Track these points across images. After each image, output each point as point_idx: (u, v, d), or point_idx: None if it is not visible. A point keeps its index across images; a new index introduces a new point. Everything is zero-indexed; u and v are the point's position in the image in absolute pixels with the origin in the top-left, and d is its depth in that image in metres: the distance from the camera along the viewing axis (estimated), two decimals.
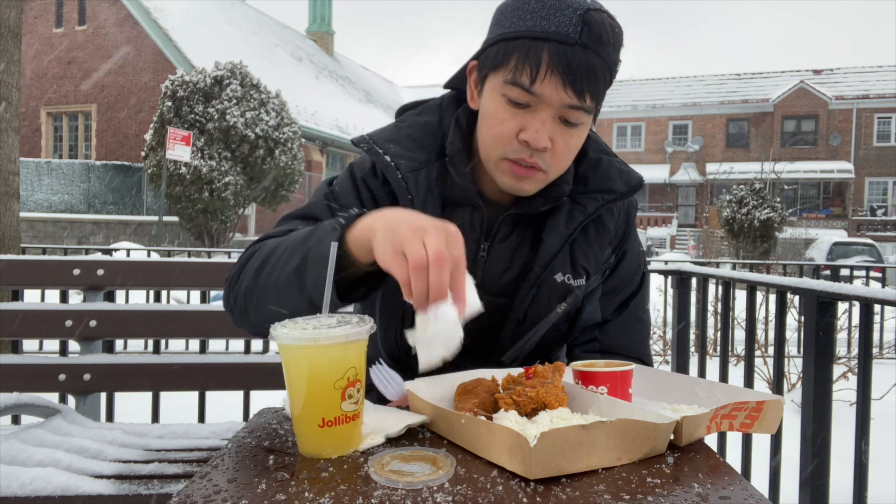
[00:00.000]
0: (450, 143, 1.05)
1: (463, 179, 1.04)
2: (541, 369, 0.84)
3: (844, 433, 2.06)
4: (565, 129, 0.94)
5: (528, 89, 0.90)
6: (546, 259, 1.05)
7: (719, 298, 4.41)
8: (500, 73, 0.93)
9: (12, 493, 1.29)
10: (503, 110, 0.94)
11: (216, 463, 0.72)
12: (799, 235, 20.19)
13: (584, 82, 0.90)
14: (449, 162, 1.04)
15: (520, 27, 0.91)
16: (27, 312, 1.78)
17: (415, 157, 1.05)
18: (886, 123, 29.95)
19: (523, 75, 0.90)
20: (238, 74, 12.60)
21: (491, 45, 0.95)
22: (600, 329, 1.13)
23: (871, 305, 1.85)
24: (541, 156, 0.94)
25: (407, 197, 1.02)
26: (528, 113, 0.93)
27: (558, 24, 0.88)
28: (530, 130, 0.92)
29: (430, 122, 1.09)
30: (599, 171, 1.08)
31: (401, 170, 1.03)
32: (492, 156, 0.98)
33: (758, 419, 0.81)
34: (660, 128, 33.30)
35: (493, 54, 0.94)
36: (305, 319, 0.78)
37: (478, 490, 0.64)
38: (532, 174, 0.96)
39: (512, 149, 0.95)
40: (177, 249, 7.73)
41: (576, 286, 1.08)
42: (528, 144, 0.93)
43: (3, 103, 3.63)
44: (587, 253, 1.08)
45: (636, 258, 1.16)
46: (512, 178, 0.97)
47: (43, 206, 15.21)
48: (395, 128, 1.10)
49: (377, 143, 1.06)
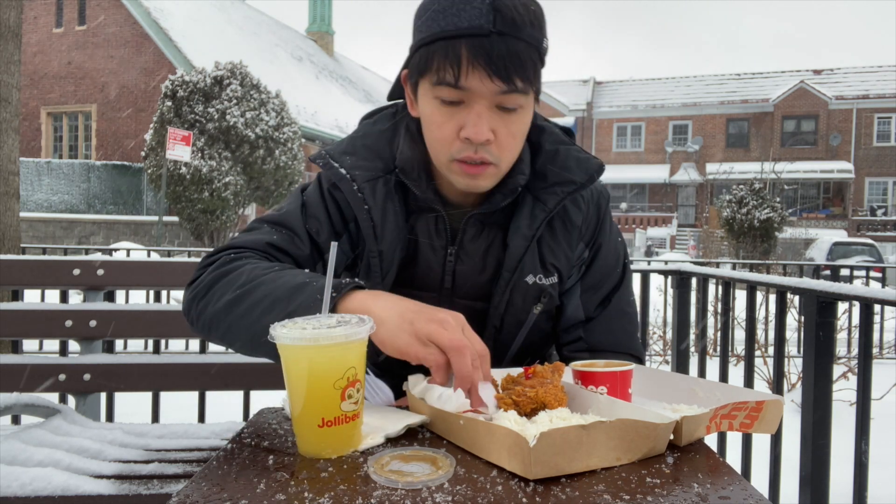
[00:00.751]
0: (399, 153, 1.04)
1: (419, 187, 1.03)
2: (540, 369, 0.84)
3: (844, 433, 2.06)
4: (505, 117, 0.93)
5: (455, 86, 0.90)
6: (513, 262, 1.04)
7: (719, 298, 4.41)
8: (427, 77, 0.93)
9: (12, 493, 1.29)
10: (439, 113, 0.94)
11: (216, 463, 0.72)
12: (799, 235, 20.19)
13: (509, 68, 0.88)
14: (400, 172, 1.03)
15: (434, 29, 0.90)
16: (27, 312, 1.78)
17: (371, 167, 1.04)
18: (886, 123, 29.95)
19: (447, 75, 0.89)
20: (238, 74, 12.60)
21: (414, 53, 0.95)
22: (585, 327, 1.11)
23: (871, 305, 1.85)
24: (486, 149, 0.93)
25: (363, 207, 1.01)
26: (463, 109, 0.92)
27: (470, 18, 0.88)
28: (469, 126, 0.91)
29: (385, 130, 1.09)
30: (557, 162, 1.06)
31: (356, 181, 1.02)
32: (441, 159, 0.97)
33: (758, 419, 0.81)
34: (660, 128, 33.30)
35: (417, 61, 0.94)
36: (305, 319, 0.78)
37: (477, 490, 0.64)
38: (483, 170, 0.96)
39: (456, 148, 0.94)
40: (177, 249, 7.72)
41: (548, 285, 1.06)
42: (471, 140, 0.92)
43: (3, 103, 3.63)
44: (555, 250, 1.07)
45: (614, 251, 1.13)
46: (465, 177, 0.96)
47: (43, 206, 15.22)
48: (351, 140, 1.09)
49: (333, 157, 1.05)
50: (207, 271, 0.98)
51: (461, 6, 0.88)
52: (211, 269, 0.98)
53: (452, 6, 0.89)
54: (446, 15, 0.89)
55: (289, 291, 0.87)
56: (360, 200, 1.02)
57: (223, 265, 0.97)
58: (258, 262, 0.96)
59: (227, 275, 0.95)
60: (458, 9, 0.89)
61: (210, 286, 0.96)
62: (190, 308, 0.98)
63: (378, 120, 1.12)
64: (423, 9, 0.94)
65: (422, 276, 1.07)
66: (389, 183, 1.04)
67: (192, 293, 0.98)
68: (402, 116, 1.09)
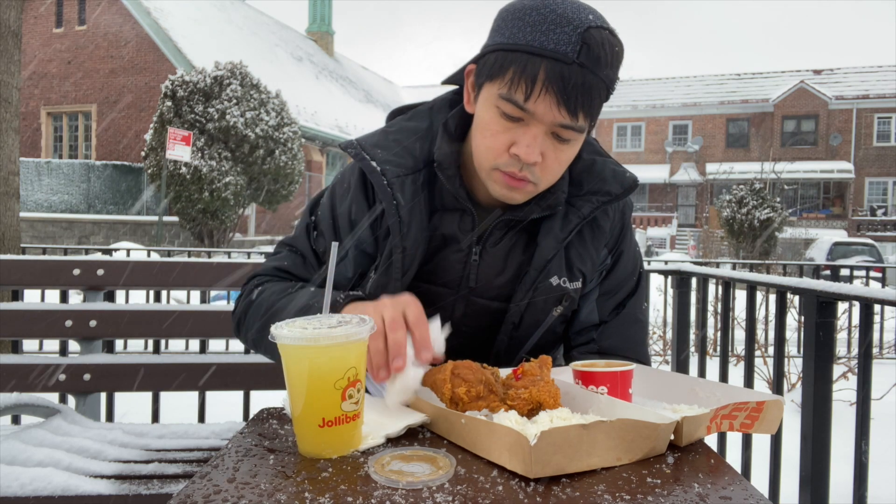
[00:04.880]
0: (437, 148, 1.05)
1: (452, 185, 1.04)
2: (528, 367, 0.84)
3: (844, 433, 2.06)
4: (556, 145, 0.94)
5: (521, 106, 0.90)
6: (541, 263, 1.05)
7: (719, 298, 4.41)
8: (496, 84, 0.92)
9: (12, 493, 1.29)
10: (496, 122, 0.94)
11: (216, 463, 0.72)
12: (799, 235, 20.18)
13: (579, 102, 0.89)
14: (437, 168, 1.04)
15: (519, 39, 0.90)
16: (27, 312, 1.78)
17: (402, 163, 1.04)
18: (886, 123, 29.94)
19: (518, 91, 0.89)
20: (238, 74, 12.60)
21: (489, 53, 0.94)
22: (598, 330, 1.13)
23: (871, 305, 1.85)
24: (531, 169, 0.94)
25: (392, 203, 1.02)
26: (520, 127, 0.92)
27: (557, 42, 0.87)
28: (521, 145, 0.92)
29: (419, 127, 1.09)
30: (594, 173, 1.08)
31: (387, 175, 1.03)
32: (484, 164, 0.98)
33: (758, 419, 0.81)
34: (660, 128, 33.30)
35: (491, 63, 0.93)
36: (306, 319, 0.78)
37: (478, 490, 0.64)
38: (523, 186, 0.97)
39: (504, 161, 0.95)
40: (177, 249, 7.71)
41: (572, 289, 1.07)
42: (519, 159, 0.93)
43: (3, 103, 3.63)
44: (583, 255, 1.08)
45: (632, 259, 1.16)
46: (503, 188, 0.98)
47: (43, 206, 15.21)
48: (383, 133, 1.09)
49: (364, 148, 1.06)
50: (240, 302, 1.13)
51: (552, 27, 0.88)
52: (242, 300, 1.13)
53: (544, 24, 0.89)
54: (535, 31, 0.89)
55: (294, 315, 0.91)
56: (390, 195, 1.02)
57: (248, 296, 1.11)
58: (274, 288, 1.07)
59: (251, 305, 1.09)
60: (549, 29, 0.88)
61: (242, 316, 1.11)
62: (237, 333, 1.15)
63: (412, 116, 1.12)
64: (511, 14, 0.93)
65: (441, 274, 1.08)
66: (418, 181, 1.04)
67: (235, 321, 1.14)
68: (438, 113, 1.10)
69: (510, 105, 0.91)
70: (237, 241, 14.59)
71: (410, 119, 1.11)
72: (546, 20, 0.88)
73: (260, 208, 16.37)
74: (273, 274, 1.13)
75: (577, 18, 0.88)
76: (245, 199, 12.82)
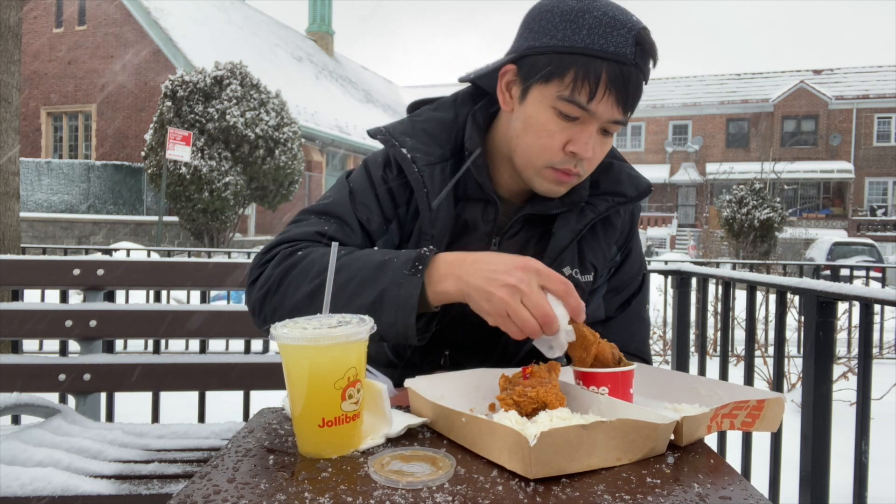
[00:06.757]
0: (468, 138, 1.07)
1: (481, 175, 1.06)
2: (537, 369, 0.84)
3: (844, 433, 2.06)
4: (602, 138, 0.99)
5: (584, 107, 0.93)
6: (556, 252, 1.07)
7: (719, 298, 4.41)
8: (553, 86, 0.94)
9: (12, 493, 1.29)
10: (553, 123, 0.96)
11: (216, 463, 0.72)
12: (799, 235, 20.18)
13: (631, 101, 0.94)
14: (468, 157, 1.06)
15: (576, 42, 0.91)
16: (27, 312, 1.78)
17: (430, 152, 1.06)
18: (886, 123, 29.95)
19: (581, 93, 0.92)
20: (238, 74, 12.59)
21: (539, 55, 0.95)
22: (603, 326, 1.15)
23: (871, 305, 1.85)
24: (582, 164, 0.99)
25: (423, 191, 1.03)
26: (576, 125, 0.95)
27: (616, 44, 0.90)
28: (579, 143, 0.95)
29: (446, 117, 1.10)
30: (611, 175, 1.12)
31: (417, 163, 1.04)
32: (535, 163, 1.00)
33: (759, 417, 0.81)
34: (660, 128, 33.31)
35: (544, 65, 0.94)
36: (306, 319, 0.78)
37: (478, 490, 0.64)
38: (572, 179, 1.01)
39: (559, 159, 0.98)
40: (177, 249, 7.71)
41: (583, 282, 1.09)
42: (576, 155, 0.96)
43: (3, 103, 3.63)
44: (595, 250, 1.11)
45: (638, 258, 1.20)
46: (553, 184, 1.01)
47: (43, 206, 15.21)
48: (411, 122, 1.11)
49: (393, 135, 1.07)
50: (270, 267, 0.96)
51: (608, 29, 0.91)
52: (274, 265, 0.96)
53: (600, 26, 0.91)
54: (592, 33, 0.91)
55: (373, 271, 0.89)
56: (421, 183, 1.03)
57: (286, 258, 0.95)
58: (323, 249, 0.94)
59: (296, 266, 0.93)
60: (606, 31, 0.91)
61: (280, 280, 0.94)
62: (263, 305, 0.96)
63: (438, 107, 1.13)
64: (557, 17, 0.94)
65: None
66: (446, 170, 1.06)
67: (262, 291, 0.96)
68: (462, 105, 1.12)
69: (571, 106, 0.93)
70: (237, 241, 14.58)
71: (436, 109, 1.13)
72: (602, 23, 0.91)
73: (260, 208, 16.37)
74: (313, 239, 1.01)
75: (629, 21, 0.92)
76: (245, 199, 12.82)
